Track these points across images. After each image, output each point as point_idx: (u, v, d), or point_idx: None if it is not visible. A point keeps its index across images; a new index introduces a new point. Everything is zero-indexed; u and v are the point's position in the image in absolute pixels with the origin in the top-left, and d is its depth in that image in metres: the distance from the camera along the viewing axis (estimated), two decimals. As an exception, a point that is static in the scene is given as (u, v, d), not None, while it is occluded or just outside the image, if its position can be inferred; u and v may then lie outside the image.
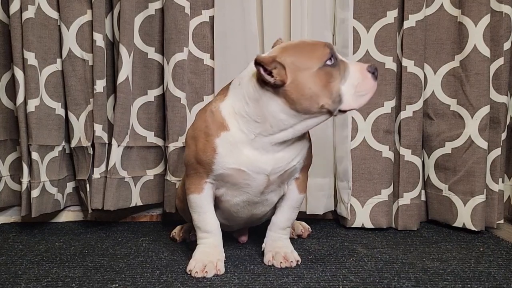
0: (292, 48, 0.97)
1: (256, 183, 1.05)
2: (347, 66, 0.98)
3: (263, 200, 1.11)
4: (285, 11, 1.47)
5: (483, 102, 1.38)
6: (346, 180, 1.44)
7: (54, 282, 0.98)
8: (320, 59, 0.94)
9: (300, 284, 0.97)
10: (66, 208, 1.55)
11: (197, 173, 1.06)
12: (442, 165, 1.46)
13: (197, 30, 1.48)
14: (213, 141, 1.02)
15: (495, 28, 1.40)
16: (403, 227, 1.43)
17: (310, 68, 0.94)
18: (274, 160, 1.03)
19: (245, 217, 1.15)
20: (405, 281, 0.99)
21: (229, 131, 1.01)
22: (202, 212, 1.07)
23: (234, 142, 1.01)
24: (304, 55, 0.95)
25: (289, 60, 0.94)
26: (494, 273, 1.04)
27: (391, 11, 1.40)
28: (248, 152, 1.02)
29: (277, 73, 0.94)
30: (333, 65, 0.95)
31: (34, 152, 1.37)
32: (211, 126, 1.03)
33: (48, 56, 1.42)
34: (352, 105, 0.97)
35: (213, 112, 1.04)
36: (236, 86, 1.03)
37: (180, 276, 1.02)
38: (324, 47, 0.96)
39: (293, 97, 0.95)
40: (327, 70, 0.94)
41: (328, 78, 0.94)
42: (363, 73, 0.98)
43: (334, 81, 0.95)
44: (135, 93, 1.48)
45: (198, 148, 1.03)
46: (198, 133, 1.05)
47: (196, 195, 1.07)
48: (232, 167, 1.02)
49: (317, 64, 0.94)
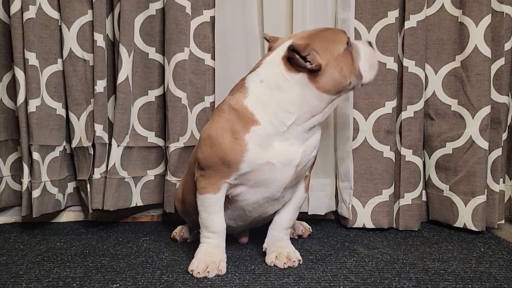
0: (319, 35, 1.04)
1: (284, 175, 1.05)
2: (356, 45, 1.08)
3: (281, 197, 1.11)
4: (287, 11, 1.47)
5: (484, 102, 1.38)
6: (348, 180, 1.44)
7: (55, 282, 0.98)
8: (343, 42, 1.04)
9: (301, 284, 0.97)
10: (67, 208, 1.55)
11: (218, 174, 1.03)
12: (443, 165, 1.45)
13: (198, 30, 1.48)
14: (242, 138, 1.01)
15: (496, 28, 1.40)
16: (404, 227, 1.43)
17: (339, 51, 1.02)
18: (302, 148, 1.06)
19: (255, 216, 1.14)
20: (406, 281, 0.99)
21: (260, 125, 1.01)
22: (213, 212, 1.06)
23: (265, 136, 1.02)
24: (330, 40, 1.03)
25: (321, 46, 1.00)
26: (495, 273, 1.04)
27: (392, 11, 1.40)
28: (277, 144, 1.03)
29: (312, 58, 0.99)
30: (350, 46, 1.05)
31: (35, 152, 1.37)
32: (237, 123, 1.01)
33: (49, 56, 1.42)
34: (370, 77, 1.09)
35: (237, 109, 1.02)
36: (257, 83, 1.03)
37: (181, 276, 1.02)
38: (341, 32, 1.07)
39: (328, 80, 1.01)
40: (349, 51, 1.04)
41: (352, 58, 1.04)
42: (367, 47, 1.10)
43: (355, 60, 1.05)
44: (135, 93, 1.48)
45: (225, 147, 1.01)
46: (222, 132, 1.02)
47: (212, 194, 1.05)
48: (261, 162, 1.02)
49: (342, 46, 1.03)
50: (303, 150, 1.06)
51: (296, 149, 1.05)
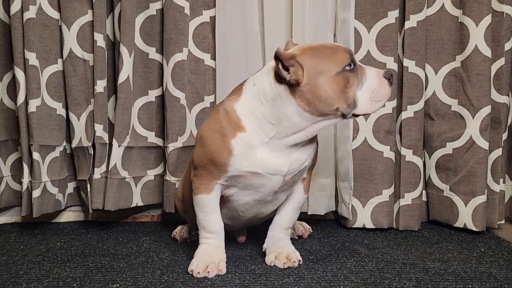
0: (313, 50, 0.97)
1: (271, 183, 1.05)
2: (365, 71, 0.99)
3: (274, 199, 1.11)
4: (287, 11, 1.47)
5: (484, 102, 1.38)
6: (347, 180, 1.44)
7: (55, 282, 0.98)
8: (340, 63, 0.95)
9: (301, 284, 0.97)
10: (67, 208, 1.55)
11: (209, 174, 1.04)
12: (443, 165, 1.45)
13: (197, 30, 1.48)
14: (228, 142, 1.00)
15: (496, 28, 1.40)
16: (404, 228, 1.43)
17: (329, 72, 0.95)
18: (289, 161, 1.03)
19: (249, 217, 1.15)
20: (406, 281, 0.99)
21: (245, 132, 1.00)
22: (208, 212, 1.07)
23: (250, 144, 1.00)
24: (324, 58, 0.96)
25: (308, 62, 0.95)
26: (495, 273, 1.04)
27: (392, 11, 1.40)
28: (263, 154, 1.01)
29: (294, 71, 0.95)
30: (351, 70, 0.96)
31: (35, 152, 1.37)
32: (226, 126, 1.01)
33: (49, 56, 1.42)
34: (367, 109, 0.99)
35: (228, 112, 1.02)
36: (251, 86, 1.02)
37: (181, 276, 1.02)
38: (344, 52, 0.97)
39: (308, 98, 0.95)
40: (345, 75, 0.95)
41: (345, 83, 0.95)
42: (380, 79, 0.99)
43: (351, 87, 0.96)
44: (136, 93, 1.48)
45: (213, 149, 1.02)
46: (212, 133, 1.03)
47: (205, 195, 1.05)
48: (248, 170, 1.02)
49: (336, 68, 0.95)
50: (290, 163, 1.03)
51: (283, 162, 1.02)
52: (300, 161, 1.05)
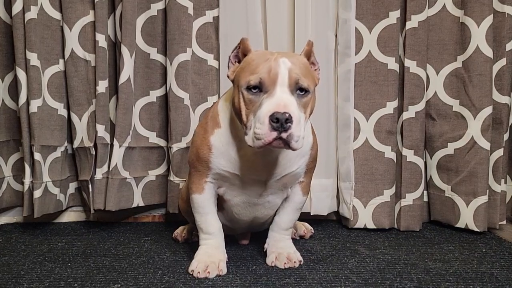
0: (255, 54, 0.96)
1: (253, 187, 1.06)
2: (264, 102, 0.89)
3: (264, 202, 1.11)
4: (289, 12, 1.47)
5: (485, 102, 1.38)
6: (349, 180, 1.44)
7: (57, 282, 0.99)
8: (247, 81, 0.91)
9: (302, 284, 0.97)
10: (68, 209, 1.55)
11: (198, 172, 1.06)
12: (444, 165, 1.45)
13: (201, 30, 1.48)
14: (208, 139, 1.03)
15: (498, 29, 1.40)
16: (406, 228, 1.43)
17: (241, 86, 0.93)
18: (268, 166, 1.02)
19: (247, 220, 1.15)
20: (407, 281, 0.98)
21: (221, 128, 1.02)
22: (204, 213, 1.07)
23: (226, 142, 1.01)
24: (247, 68, 0.94)
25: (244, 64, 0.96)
26: (497, 274, 1.04)
27: (393, 12, 1.40)
28: (239, 156, 1.01)
29: (233, 67, 0.99)
30: (255, 94, 0.91)
31: (36, 152, 1.37)
32: (209, 123, 1.04)
33: (50, 57, 1.43)
34: (248, 142, 0.91)
35: (213, 109, 1.06)
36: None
37: (182, 276, 1.02)
38: (260, 73, 0.90)
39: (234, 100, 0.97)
40: (249, 95, 0.91)
41: (247, 103, 0.92)
42: (266, 117, 0.86)
43: (249, 109, 0.91)
44: (137, 94, 1.48)
45: (197, 144, 1.05)
46: (199, 129, 1.07)
47: (197, 195, 1.07)
48: (227, 170, 1.03)
49: (244, 84, 0.92)
50: (268, 168, 1.02)
51: (261, 165, 1.01)
52: (281, 166, 1.03)
